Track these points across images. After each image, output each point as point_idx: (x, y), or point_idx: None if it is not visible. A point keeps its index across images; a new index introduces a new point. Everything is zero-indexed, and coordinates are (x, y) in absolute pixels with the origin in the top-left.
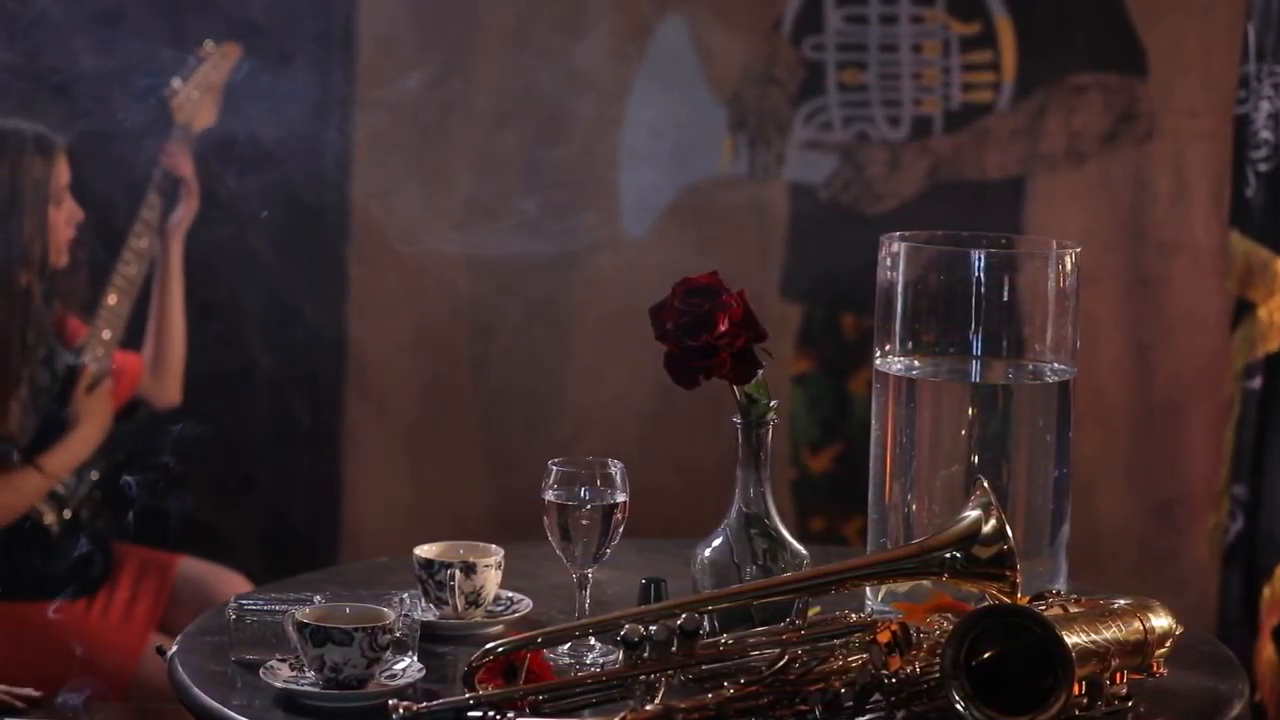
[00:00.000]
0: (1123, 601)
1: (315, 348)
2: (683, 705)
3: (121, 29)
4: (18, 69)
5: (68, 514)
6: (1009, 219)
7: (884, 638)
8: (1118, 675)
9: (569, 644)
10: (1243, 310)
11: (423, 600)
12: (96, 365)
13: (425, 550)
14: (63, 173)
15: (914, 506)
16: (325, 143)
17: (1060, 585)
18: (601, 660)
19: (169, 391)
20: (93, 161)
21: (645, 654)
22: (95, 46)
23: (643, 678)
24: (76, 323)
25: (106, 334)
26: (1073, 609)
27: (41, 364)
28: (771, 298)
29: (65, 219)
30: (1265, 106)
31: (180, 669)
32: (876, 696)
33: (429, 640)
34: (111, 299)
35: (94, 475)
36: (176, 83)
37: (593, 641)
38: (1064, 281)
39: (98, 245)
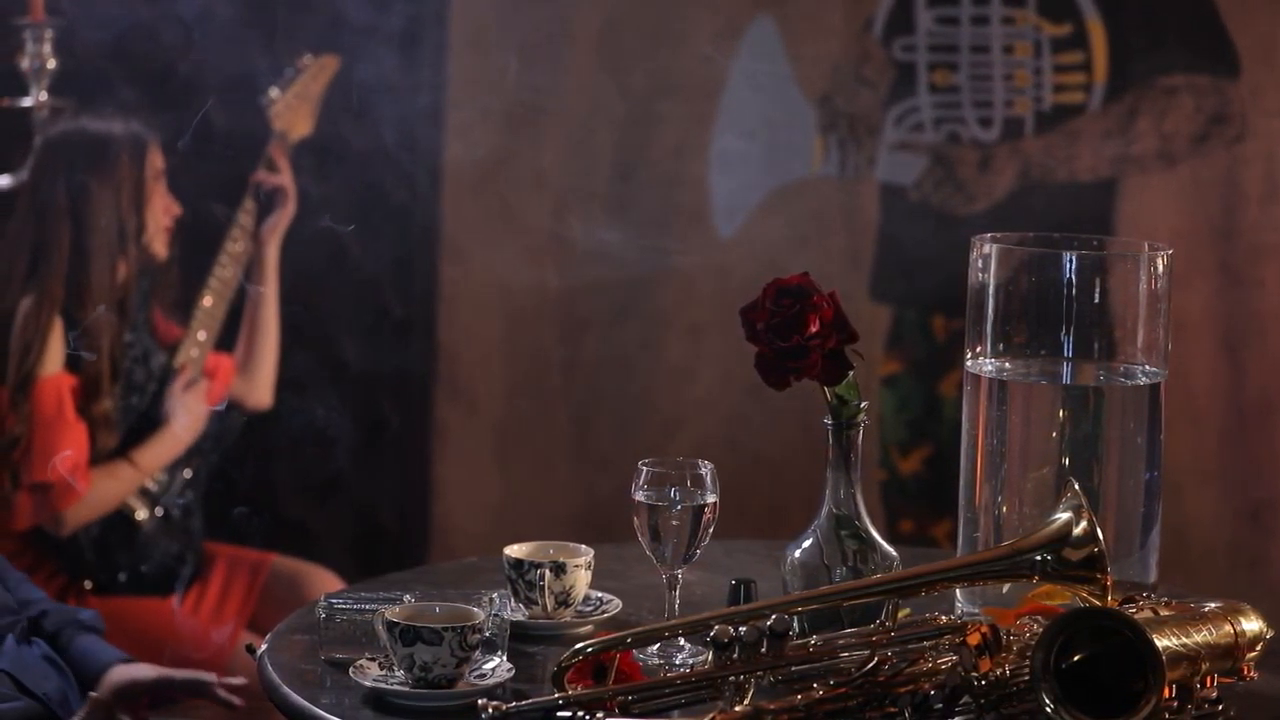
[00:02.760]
0: (1213, 605)
1: (406, 348)
2: (771, 706)
3: (222, 37)
4: (119, 74)
5: (160, 512)
6: (1100, 220)
7: (974, 640)
8: (1208, 679)
9: (658, 644)
10: None
11: (512, 600)
12: (191, 365)
13: (515, 550)
14: (157, 163)
15: (1004, 508)
16: (416, 145)
17: (1151, 588)
18: (691, 661)
19: (260, 394)
20: (191, 166)
21: (734, 655)
22: (195, 54)
23: (732, 678)
24: (172, 324)
25: (201, 335)
26: (1163, 612)
27: (138, 361)
28: (861, 299)
29: (162, 209)
30: None
31: (270, 667)
32: (966, 699)
33: (518, 640)
34: (207, 301)
35: (186, 474)
36: (274, 92)
37: (682, 642)
38: (1155, 283)
39: (195, 248)
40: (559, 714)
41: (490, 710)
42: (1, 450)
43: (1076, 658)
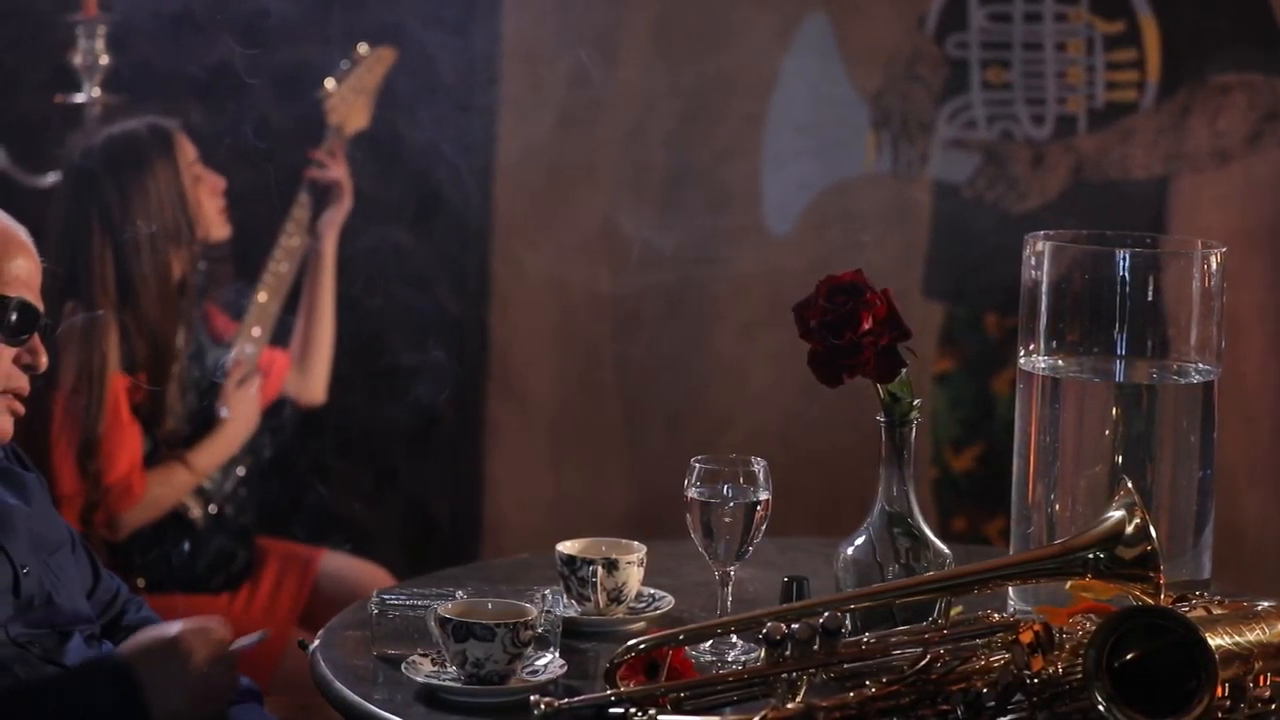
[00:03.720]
0: (1267, 604)
1: (458, 344)
2: (824, 704)
3: (276, 30)
4: (172, 68)
5: (213, 509)
6: (1152, 219)
7: (1027, 638)
8: (1261, 678)
9: (711, 641)
10: None
11: (565, 596)
12: (246, 362)
13: (567, 546)
14: (188, 151)
15: (1057, 506)
16: (470, 141)
17: (1204, 587)
18: (743, 658)
19: (315, 390)
20: (246, 160)
21: (787, 652)
22: (250, 48)
23: (784, 676)
24: (226, 319)
25: (256, 331)
26: (1216, 611)
27: (192, 358)
28: (914, 296)
29: (208, 192)
30: None
31: (322, 663)
32: (1018, 697)
33: (571, 636)
34: (262, 296)
35: (240, 471)
36: (330, 84)
37: (734, 639)
38: (1208, 281)
39: (250, 243)
40: (611, 710)
41: (543, 706)
42: (80, 454)
43: (1129, 656)
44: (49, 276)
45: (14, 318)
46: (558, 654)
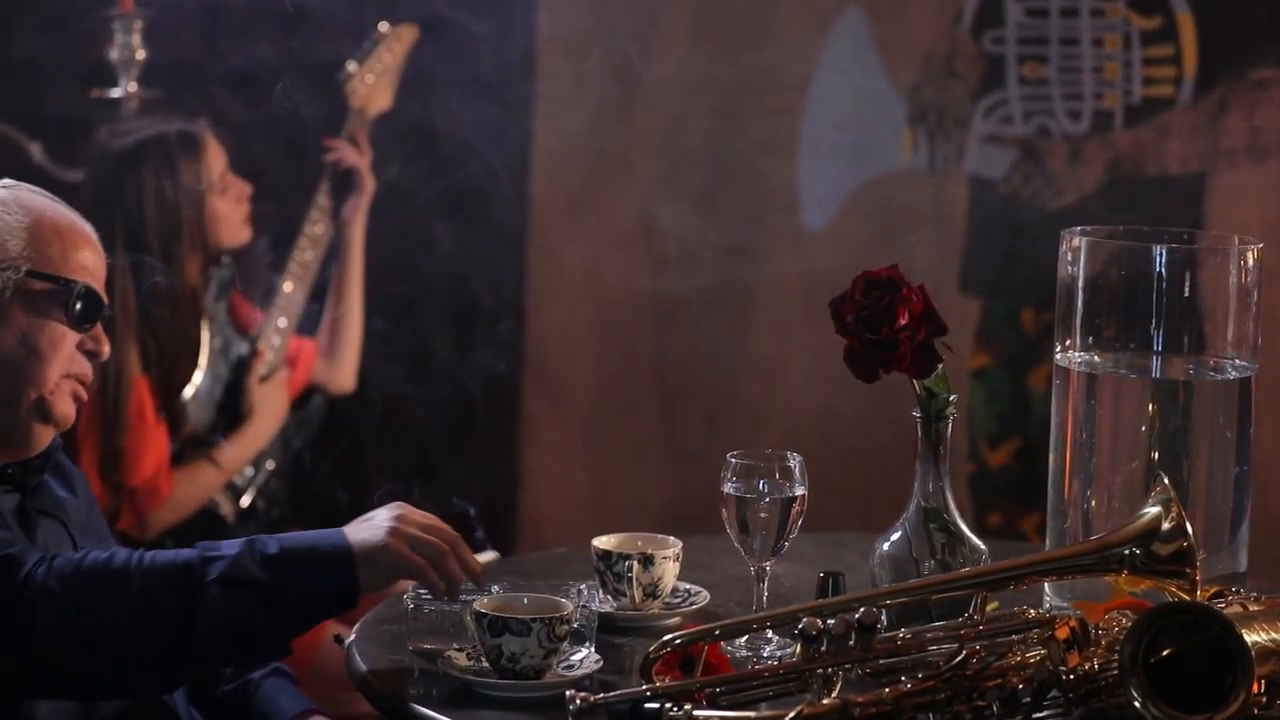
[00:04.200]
0: None
1: (495, 339)
2: (859, 700)
3: (296, 11)
4: (193, 56)
5: (244, 503)
6: (1189, 214)
7: (1062, 634)
8: None
9: (746, 637)
10: None
11: (600, 591)
12: (272, 353)
13: (603, 541)
14: (216, 160)
15: (1093, 502)
16: (505, 135)
17: (1240, 583)
18: (779, 653)
19: (344, 378)
20: (267, 147)
21: (823, 648)
22: (270, 31)
23: (820, 671)
24: (251, 310)
25: (282, 321)
26: (1252, 607)
27: (217, 353)
28: (950, 292)
29: (234, 200)
30: None
31: (358, 657)
32: (1054, 693)
33: (606, 631)
34: (287, 286)
35: (269, 465)
36: (352, 66)
37: (770, 634)
38: (1245, 277)
39: (274, 232)
40: (647, 705)
41: (578, 701)
42: (104, 457)
43: (1165, 652)
44: None
45: (80, 305)
46: (593, 649)
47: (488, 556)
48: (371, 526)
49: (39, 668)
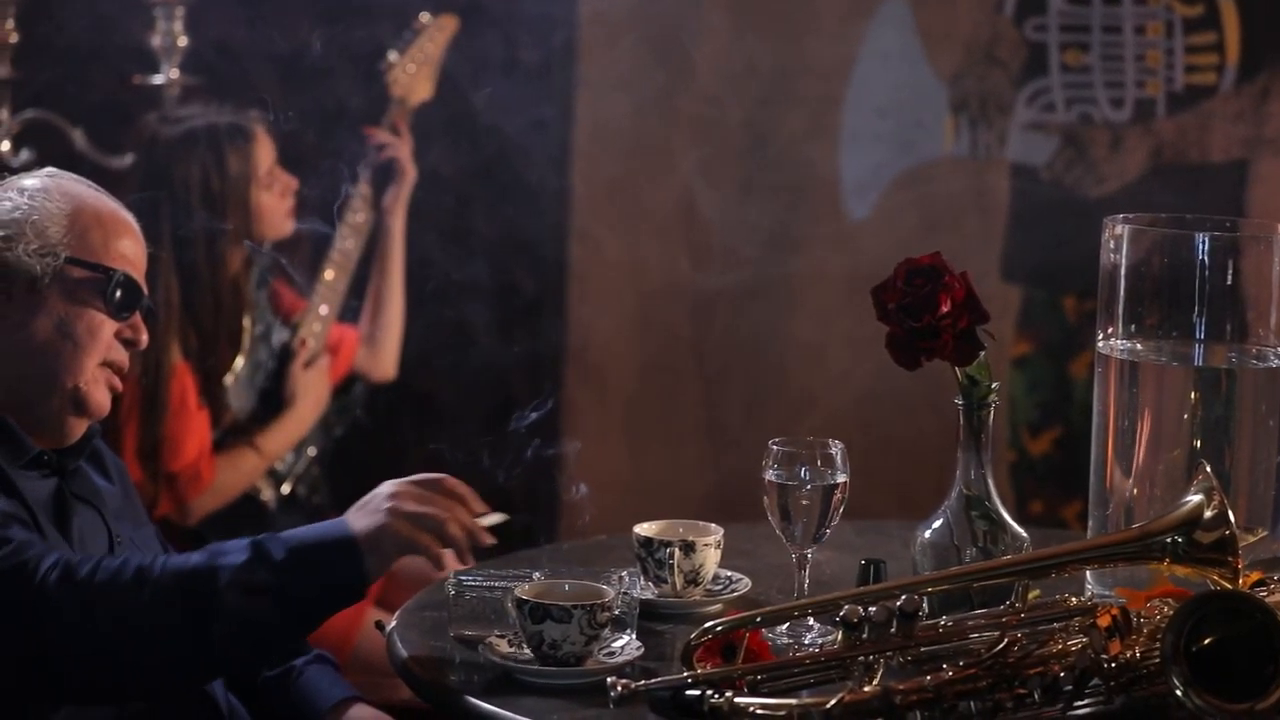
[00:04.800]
0: None
1: (536, 326)
2: (901, 687)
3: (354, 8)
4: (236, 44)
5: (285, 489)
6: (1231, 202)
7: (1104, 622)
8: None
9: (787, 624)
10: None
11: (642, 578)
12: (314, 340)
13: (645, 528)
14: (265, 155)
15: (1135, 490)
16: (546, 122)
17: None
18: (820, 640)
19: (385, 366)
20: (309, 137)
21: (864, 635)
22: (312, 20)
23: (861, 659)
24: (293, 297)
25: (324, 309)
26: None
27: (259, 339)
28: (992, 279)
29: (279, 193)
30: None
31: (399, 644)
32: (1095, 681)
33: (647, 618)
34: (329, 274)
35: (311, 451)
36: (393, 56)
37: (811, 622)
38: None
39: (315, 221)
40: (688, 692)
41: (619, 688)
42: (146, 442)
43: (1207, 641)
44: None
45: (119, 293)
46: (634, 636)
47: (494, 519)
48: (370, 510)
49: (55, 672)
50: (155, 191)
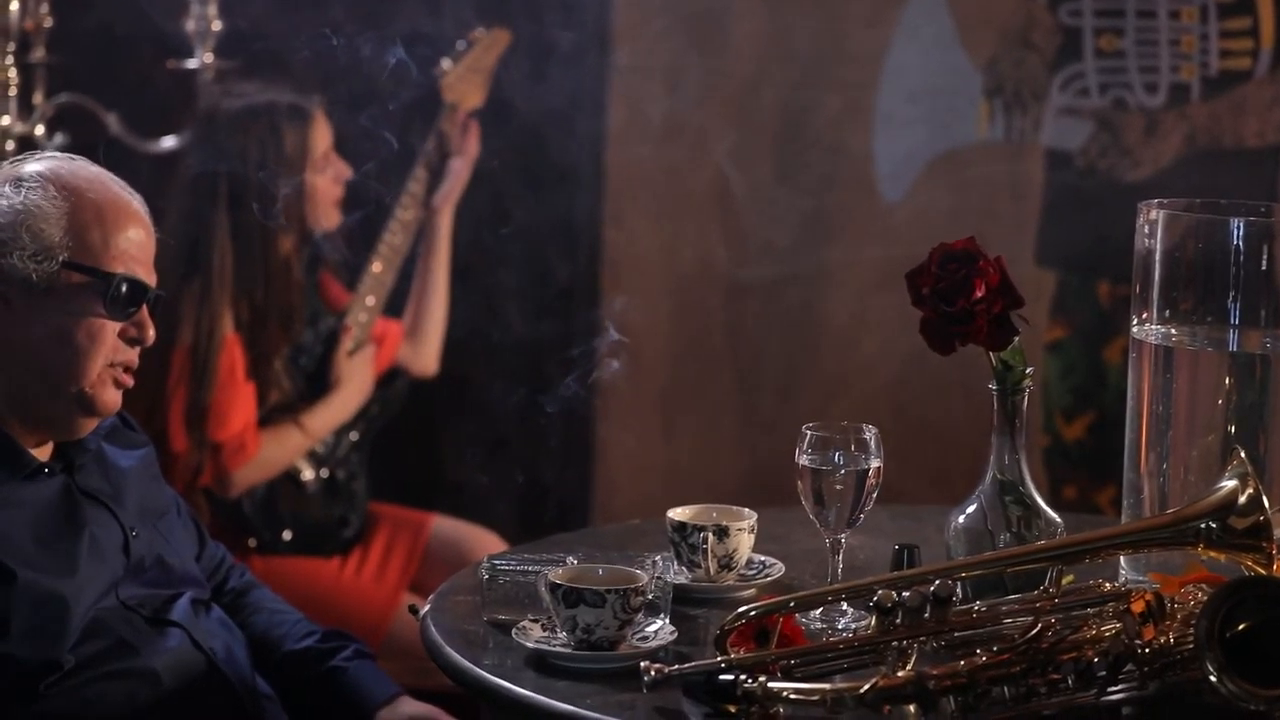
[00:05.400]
0: None
1: (570, 311)
2: (935, 672)
3: (394, 7)
4: (291, 45)
5: (325, 473)
6: (1266, 187)
7: (1138, 607)
8: None
9: (821, 609)
10: None
11: (675, 563)
12: (359, 329)
13: (678, 513)
14: (322, 138)
15: (1169, 476)
16: (581, 107)
17: None
18: (854, 626)
19: (427, 361)
20: (362, 135)
21: (898, 620)
22: (368, 25)
23: (895, 644)
24: (341, 288)
25: (370, 300)
26: None
27: (306, 325)
28: (1026, 264)
29: (332, 179)
30: None
31: (433, 628)
32: (1129, 666)
33: (681, 603)
34: (376, 267)
35: (353, 437)
36: (446, 64)
37: (845, 606)
38: None
39: (365, 213)
40: (721, 677)
41: (653, 673)
42: (193, 410)
43: (1241, 627)
44: (162, 246)
45: (120, 296)
46: (668, 620)
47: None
48: None
49: None
50: (214, 162)
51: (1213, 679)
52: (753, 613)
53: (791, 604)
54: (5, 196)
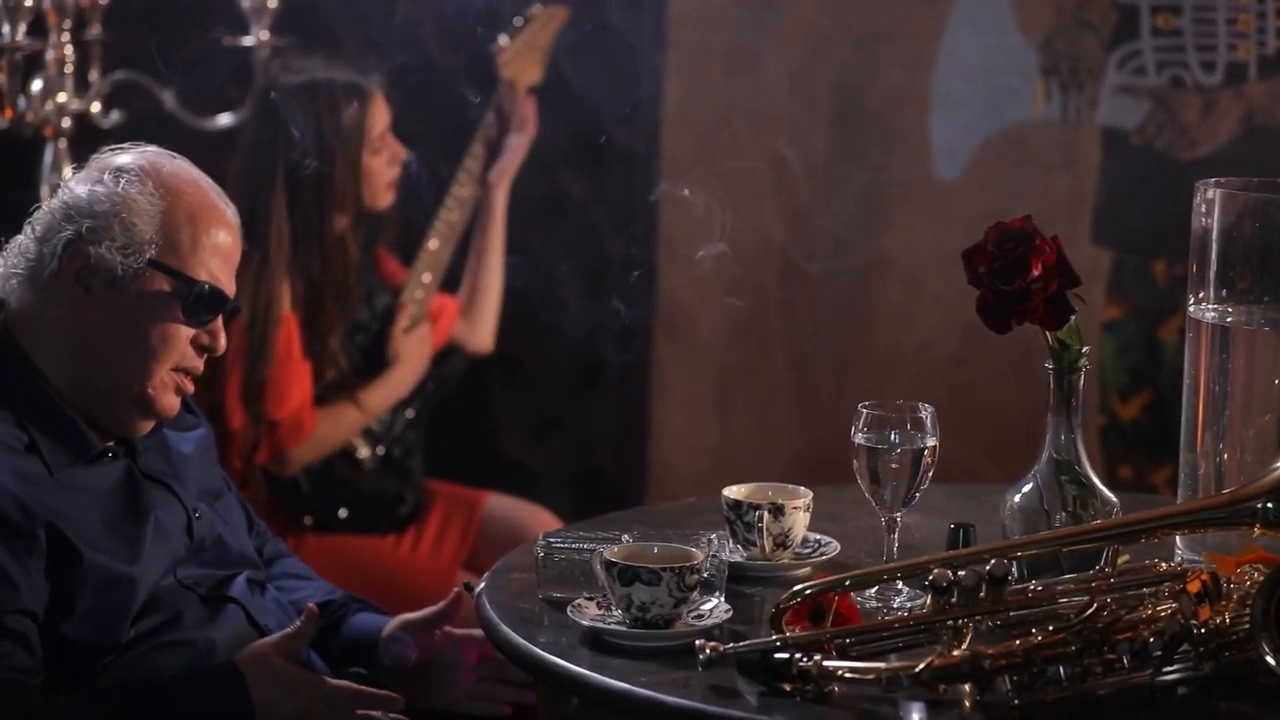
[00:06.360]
0: None
1: (625, 290)
2: (990, 651)
3: None
4: (348, 22)
5: (382, 451)
6: None
7: (1194, 587)
8: None
9: (876, 587)
10: None
11: (730, 541)
12: (415, 306)
13: (734, 491)
14: (380, 118)
15: (1225, 456)
16: (637, 87)
17: None
18: (909, 604)
19: (483, 338)
20: (420, 111)
21: (953, 599)
22: (425, 1)
23: (950, 623)
24: (397, 264)
25: (426, 277)
26: None
27: (362, 302)
28: (1082, 243)
29: (387, 160)
30: None
31: (488, 606)
32: (1185, 647)
33: (736, 581)
34: (433, 244)
35: (408, 414)
36: (503, 40)
37: (900, 585)
38: None
39: (422, 190)
40: (776, 655)
41: (708, 651)
42: (250, 387)
43: None
44: None
45: (199, 304)
46: (723, 599)
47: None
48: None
49: None
50: (271, 138)
51: (1269, 660)
52: (808, 591)
53: (847, 582)
54: (103, 184)
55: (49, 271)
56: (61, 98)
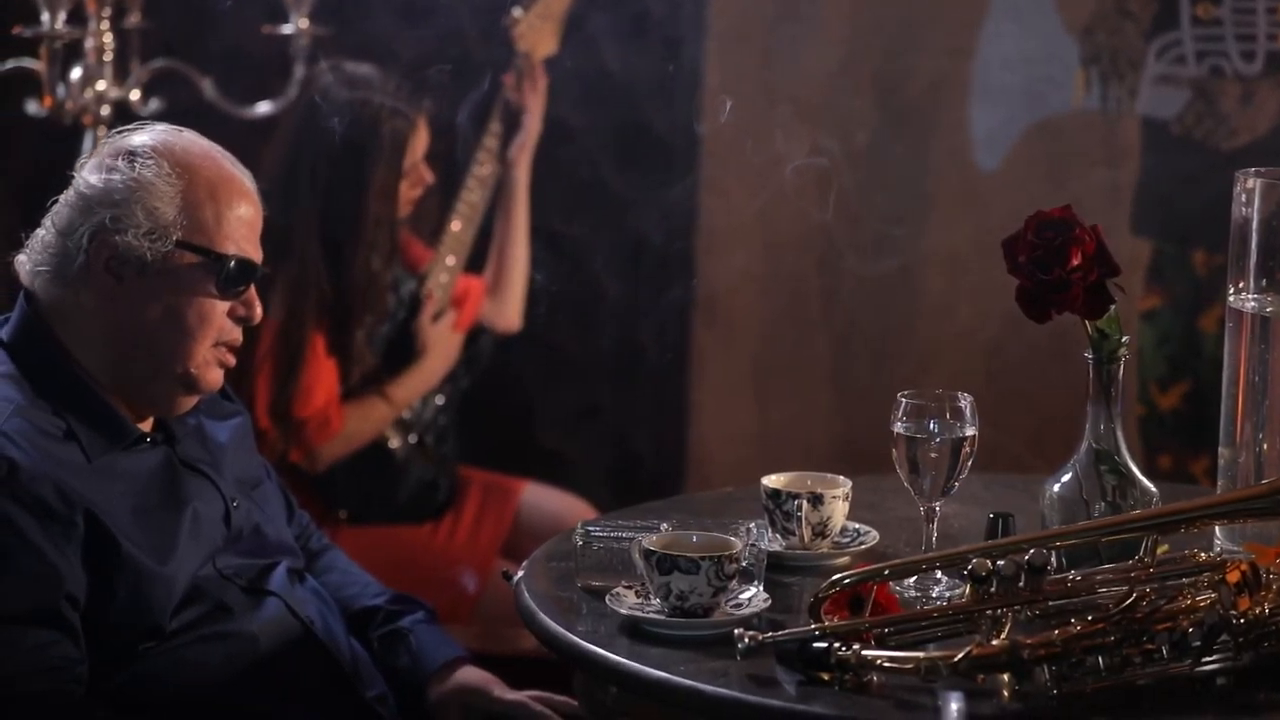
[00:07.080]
0: None
1: (664, 276)
2: (1029, 641)
3: None
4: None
5: (414, 439)
6: None
7: (1233, 578)
8: None
9: (915, 577)
10: None
11: (769, 530)
12: (441, 293)
13: (773, 480)
14: (419, 146)
15: (1265, 446)
16: (675, 72)
17: None
18: (948, 594)
19: (510, 316)
20: (436, 90)
21: (992, 589)
22: None
23: (989, 613)
24: (421, 248)
25: (451, 260)
26: None
27: (389, 291)
28: (1122, 233)
29: (412, 183)
30: None
31: (526, 594)
32: (1224, 637)
33: (775, 570)
34: (455, 225)
35: (439, 400)
36: (517, 11)
37: (939, 575)
38: None
39: (443, 172)
40: (815, 645)
41: (747, 640)
42: (277, 389)
43: None
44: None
45: (231, 275)
46: (762, 588)
47: None
48: None
49: None
50: (312, 141)
51: None
52: (847, 581)
53: (886, 572)
54: (118, 170)
55: (77, 265)
56: (100, 86)
